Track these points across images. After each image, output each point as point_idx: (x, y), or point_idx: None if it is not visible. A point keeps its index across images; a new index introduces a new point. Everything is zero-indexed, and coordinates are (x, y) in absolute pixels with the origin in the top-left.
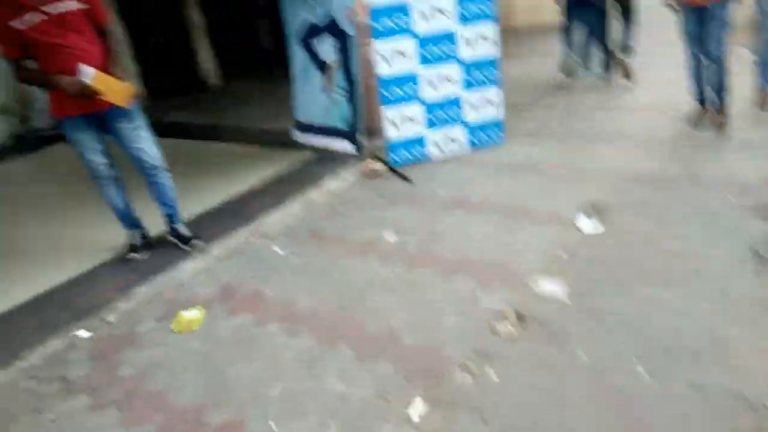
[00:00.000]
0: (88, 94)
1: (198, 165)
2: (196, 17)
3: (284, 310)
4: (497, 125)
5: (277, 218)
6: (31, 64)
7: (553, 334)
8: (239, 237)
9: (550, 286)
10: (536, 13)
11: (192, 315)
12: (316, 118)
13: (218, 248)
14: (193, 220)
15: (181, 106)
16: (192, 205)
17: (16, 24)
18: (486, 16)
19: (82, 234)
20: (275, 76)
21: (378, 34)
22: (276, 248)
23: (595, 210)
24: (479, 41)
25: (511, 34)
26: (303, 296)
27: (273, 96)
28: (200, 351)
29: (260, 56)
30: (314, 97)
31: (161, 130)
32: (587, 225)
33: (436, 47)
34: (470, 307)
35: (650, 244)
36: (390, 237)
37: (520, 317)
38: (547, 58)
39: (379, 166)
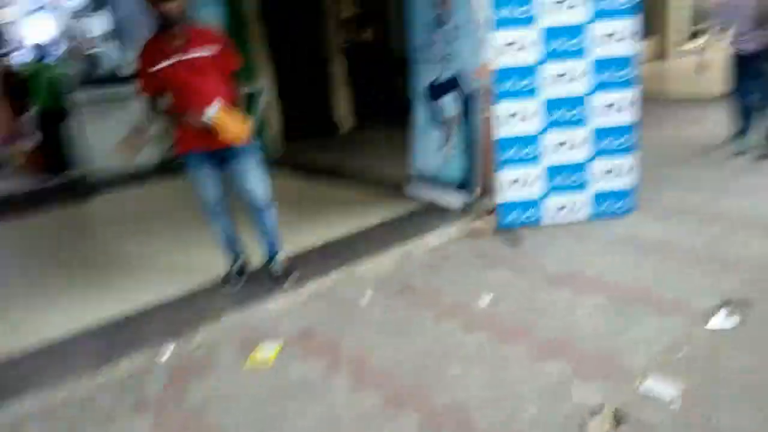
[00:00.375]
0: (210, 130)
1: (312, 204)
2: (338, 66)
3: (357, 364)
4: (626, 195)
5: (372, 266)
6: (163, 101)
7: None
8: (331, 280)
9: (661, 388)
10: (694, 82)
11: (267, 353)
12: (431, 171)
13: (309, 288)
14: (291, 257)
15: (313, 147)
16: (295, 243)
17: (155, 67)
18: (624, 83)
19: (192, 256)
20: (405, 126)
21: (502, 95)
22: (364, 297)
23: (730, 305)
24: (614, 107)
25: (662, 103)
26: (379, 352)
27: (398, 145)
28: (265, 393)
29: (394, 107)
30: (431, 151)
31: (290, 168)
32: (718, 321)
33: (564, 111)
34: (559, 398)
35: None
36: (483, 303)
37: (619, 418)
38: (703, 128)
39: (486, 225)
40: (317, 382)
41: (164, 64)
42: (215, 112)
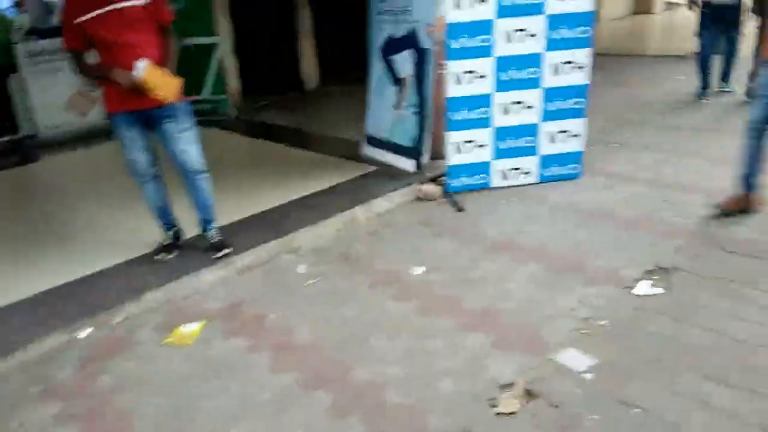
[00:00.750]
0: (139, 88)
1: (262, 167)
2: (305, 21)
3: (281, 340)
4: (575, 159)
5: (313, 234)
6: (90, 57)
7: (563, 421)
8: (268, 250)
9: (576, 359)
10: (676, 37)
11: (188, 330)
12: (384, 133)
13: (244, 259)
14: (230, 226)
15: (274, 105)
16: (236, 209)
17: (81, 18)
18: (580, 42)
19: (127, 225)
20: None
21: (454, 53)
22: (300, 267)
23: (658, 273)
24: (568, 68)
25: (641, 60)
26: (305, 326)
27: (363, 105)
28: (182, 372)
29: (365, 62)
30: (385, 111)
31: (246, 127)
32: (644, 289)
33: (517, 71)
34: (475, 372)
35: (716, 325)
36: (419, 273)
37: (529, 393)
38: (675, 84)
39: (435, 190)
40: (238, 360)
41: (91, 14)
42: (144, 68)
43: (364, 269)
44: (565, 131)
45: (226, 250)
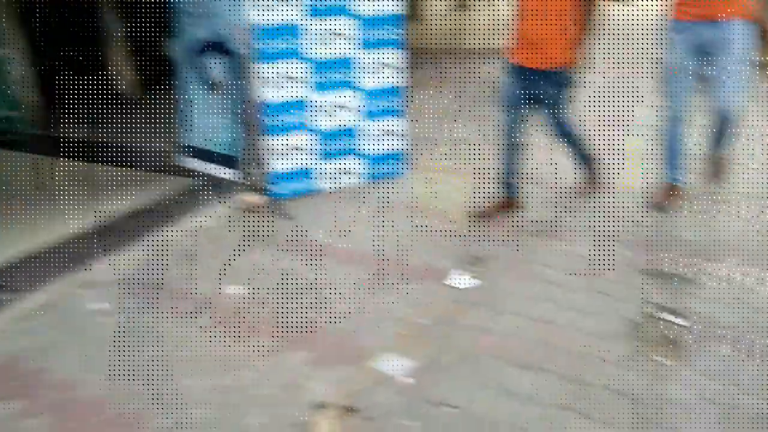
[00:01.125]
0: None
1: (54, 192)
2: (112, 23)
3: (63, 397)
4: (399, 158)
5: (117, 262)
6: None
7: None
8: (59, 287)
9: (399, 366)
10: (492, 34)
11: None
12: (201, 141)
13: (27, 302)
14: (13, 263)
15: (86, 118)
16: (17, 245)
17: None
18: (391, 43)
19: None
20: None
21: (265, 56)
22: (97, 305)
23: (477, 263)
24: (382, 68)
25: (461, 56)
26: (95, 375)
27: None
28: None
29: None
30: (200, 119)
31: (43, 147)
32: (461, 282)
33: (332, 73)
34: (290, 397)
35: (523, 309)
36: (235, 293)
37: (348, 410)
38: (492, 78)
39: (259, 199)
40: (9, 429)
41: None
42: None
43: (173, 297)
44: (386, 131)
45: (1, 294)
